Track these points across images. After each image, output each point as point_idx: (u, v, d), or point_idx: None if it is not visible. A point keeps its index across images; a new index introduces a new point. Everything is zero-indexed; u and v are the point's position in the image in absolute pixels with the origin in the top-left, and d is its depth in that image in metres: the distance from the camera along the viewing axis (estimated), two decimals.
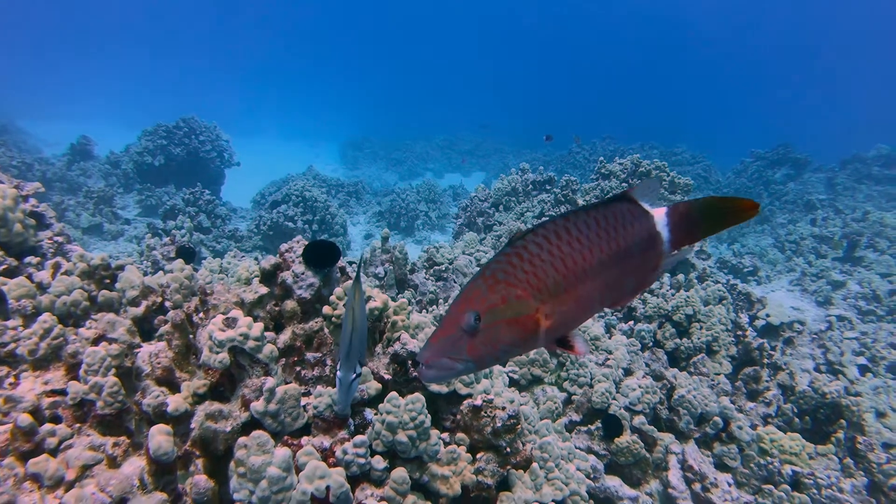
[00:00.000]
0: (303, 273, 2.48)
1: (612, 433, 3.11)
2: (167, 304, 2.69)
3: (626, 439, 3.09)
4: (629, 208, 1.06)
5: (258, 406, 1.75)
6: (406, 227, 10.13)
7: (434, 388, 2.18)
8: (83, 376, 1.94)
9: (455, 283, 4.56)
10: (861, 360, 5.71)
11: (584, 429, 3.23)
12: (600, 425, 3.16)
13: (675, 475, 3.12)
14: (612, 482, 3.03)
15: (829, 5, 43.19)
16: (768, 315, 5.55)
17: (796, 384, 4.07)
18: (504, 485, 2.22)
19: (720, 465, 3.36)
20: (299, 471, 1.59)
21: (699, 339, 4.17)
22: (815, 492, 3.03)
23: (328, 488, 1.52)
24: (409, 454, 1.80)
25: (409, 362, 2.23)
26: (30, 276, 2.62)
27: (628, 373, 3.63)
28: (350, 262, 5.30)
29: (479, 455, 2.15)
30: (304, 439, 1.77)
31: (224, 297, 2.52)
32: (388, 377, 2.07)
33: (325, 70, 41.68)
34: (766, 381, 4.11)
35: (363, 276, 4.51)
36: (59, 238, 3.45)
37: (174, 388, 2.07)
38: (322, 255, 2.54)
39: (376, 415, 1.82)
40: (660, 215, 1.08)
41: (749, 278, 8.32)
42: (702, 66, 46.51)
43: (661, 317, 4.36)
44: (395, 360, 2.12)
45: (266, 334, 2.23)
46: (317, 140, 22.68)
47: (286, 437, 1.77)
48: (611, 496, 2.97)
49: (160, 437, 1.54)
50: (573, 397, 3.38)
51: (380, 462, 1.75)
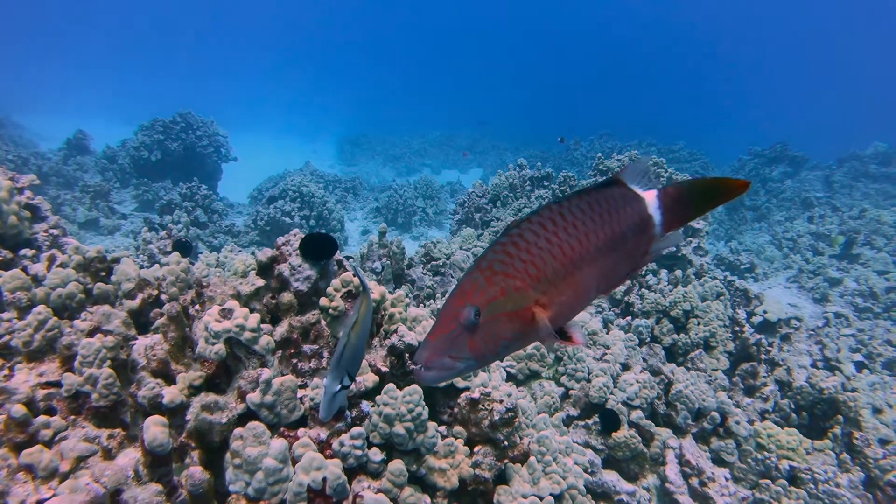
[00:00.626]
0: (300, 265, 2.46)
1: (610, 428, 3.10)
2: (163, 297, 2.67)
3: (623, 434, 3.08)
4: (621, 192, 1.04)
5: (254, 397, 1.73)
6: (403, 223, 10.11)
7: None
8: (78, 368, 1.92)
9: (452, 278, 4.55)
10: (858, 357, 5.72)
11: (582, 423, 3.23)
12: (598, 420, 3.16)
13: (672, 470, 3.12)
14: (610, 477, 3.02)
15: (828, 4, 43.22)
16: (765, 311, 5.55)
17: (793, 380, 4.08)
18: (501, 478, 2.21)
19: (717, 460, 3.36)
20: (296, 463, 1.57)
21: (696, 334, 4.17)
22: (812, 487, 3.03)
23: (325, 480, 1.51)
24: (407, 446, 1.79)
25: (407, 355, 2.22)
26: (25, 269, 2.60)
27: (626, 368, 3.63)
28: (348, 257, 5.29)
29: (476, 448, 2.15)
30: (301, 431, 1.76)
31: (220, 290, 2.51)
32: (385, 369, 2.06)
33: (323, 66, 41.61)
34: (764, 376, 4.11)
35: (361, 269, 4.50)
36: (55, 231, 3.42)
37: (170, 380, 2.06)
38: (319, 248, 2.53)
39: (373, 407, 1.81)
40: (651, 198, 1.05)
41: (746, 275, 8.33)
42: (700, 64, 46.55)
43: (658, 312, 4.35)
44: (393, 353, 2.11)
45: (262, 326, 2.22)
46: (314, 136, 22.63)
47: (283, 429, 1.76)
48: (608, 491, 2.97)
49: (155, 429, 1.53)
50: (570, 392, 3.37)
51: (377, 454, 1.74)
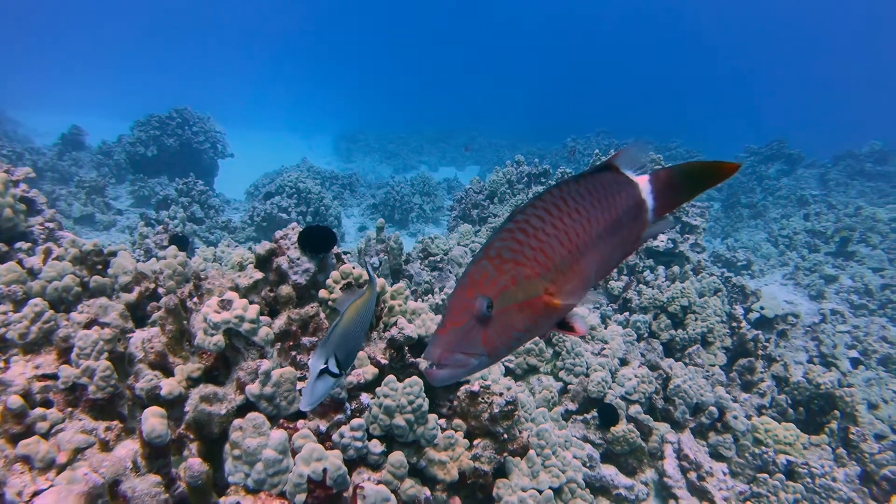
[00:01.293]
0: (298, 258, 2.45)
1: (608, 422, 3.10)
2: (160, 290, 2.66)
3: (621, 428, 3.08)
4: (614, 177, 1.02)
5: (253, 389, 1.72)
6: (400, 220, 10.09)
7: None
8: (75, 360, 1.90)
9: (451, 273, 4.54)
10: (853, 353, 5.74)
11: (580, 418, 3.23)
12: (596, 414, 3.16)
13: (670, 464, 3.13)
14: (608, 471, 3.02)
15: (825, 3, 43.32)
16: (762, 308, 5.56)
17: (790, 375, 4.09)
18: (501, 471, 2.21)
19: (715, 455, 3.37)
20: (295, 454, 1.56)
21: (694, 330, 4.17)
22: (808, 481, 3.04)
23: (325, 471, 1.50)
24: (407, 438, 1.79)
25: (406, 349, 2.21)
26: (20, 262, 2.58)
27: (624, 363, 3.63)
28: (345, 253, 5.27)
29: (476, 441, 2.14)
30: (300, 422, 1.75)
31: (218, 282, 2.49)
32: (384, 362, 2.05)
33: (320, 62, 41.50)
34: (761, 372, 4.12)
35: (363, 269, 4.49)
36: (51, 224, 3.40)
37: (168, 373, 2.04)
38: (318, 241, 2.52)
39: (373, 398, 1.80)
40: (644, 183, 1.04)
41: (743, 272, 8.34)
42: (698, 62, 46.63)
43: (656, 308, 4.36)
44: (392, 345, 2.10)
45: (262, 318, 2.21)
46: (311, 132, 22.55)
47: (282, 421, 1.75)
48: (606, 485, 2.97)
49: (154, 420, 1.52)
50: (569, 386, 3.37)
51: (377, 446, 1.73)
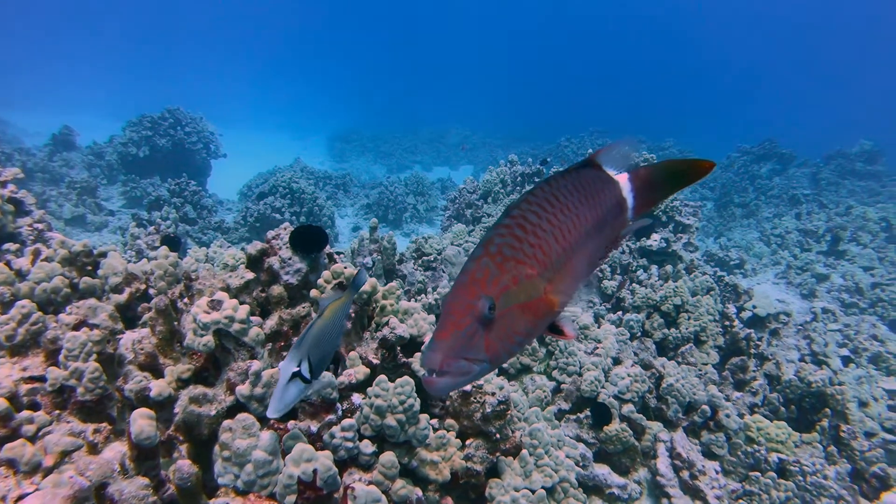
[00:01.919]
0: (290, 258, 2.44)
1: (601, 421, 3.10)
2: (151, 291, 2.64)
3: (614, 427, 3.09)
4: (597, 174, 1.00)
5: (244, 389, 1.71)
6: (394, 220, 10.07)
7: (423, 374, 2.16)
8: (63, 362, 1.89)
9: (444, 273, 4.53)
10: (844, 352, 5.77)
11: (573, 417, 3.23)
12: (589, 413, 3.16)
13: (663, 463, 3.13)
14: (601, 470, 3.03)
15: (816, 4, 43.60)
16: (755, 306, 5.58)
17: (782, 374, 4.10)
18: (494, 471, 2.20)
19: (708, 453, 3.37)
20: (286, 455, 1.55)
21: (687, 329, 4.18)
22: (800, 479, 3.05)
23: (315, 472, 1.49)
24: (398, 438, 1.78)
25: (399, 349, 2.21)
26: (8, 263, 2.56)
27: (617, 362, 3.63)
28: (338, 253, 5.25)
29: (468, 441, 2.14)
30: (291, 423, 1.74)
31: (209, 283, 2.48)
32: (376, 362, 2.04)
33: (313, 63, 41.39)
34: (753, 370, 4.14)
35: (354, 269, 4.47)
36: (40, 225, 3.37)
37: (158, 374, 2.03)
38: (310, 241, 2.51)
39: (365, 399, 1.79)
40: (624, 181, 1.03)
41: (735, 271, 8.38)
42: (691, 62, 46.80)
43: (649, 307, 4.36)
44: (384, 345, 2.09)
45: (252, 318, 2.19)
46: (304, 133, 22.51)
47: (272, 422, 1.74)
48: (599, 484, 2.97)
49: (142, 421, 1.50)
50: (562, 386, 3.37)
51: (368, 446, 1.72)
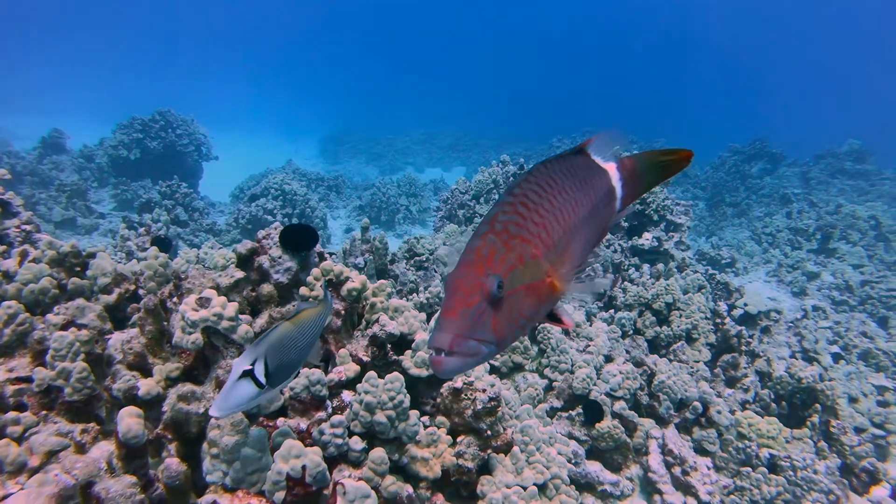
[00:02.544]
0: (280, 257, 2.44)
1: (593, 419, 3.11)
2: (141, 291, 2.62)
3: (606, 424, 3.09)
4: (588, 162, 0.99)
5: None
6: (387, 221, 10.07)
7: (415, 371, 2.15)
8: (50, 362, 1.87)
9: (435, 272, 4.53)
10: (834, 349, 5.82)
11: (566, 415, 3.23)
12: (581, 411, 3.17)
13: (655, 459, 3.14)
14: (593, 467, 3.03)
15: (805, 5, 43.99)
16: (746, 304, 5.61)
17: (773, 370, 4.12)
18: (485, 468, 2.20)
19: (699, 450, 3.38)
20: (274, 452, 1.55)
21: (679, 326, 4.20)
22: (790, 474, 3.07)
23: (304, 468, 1.48)
24: (388, 435, 1.78)
25: (389, 346, 2.20)
26: None
27: (609, 359, 3.64)
28: (331, 254, 5.24)
29: (459, 438, 2.13)
30: (280, 420, 1.73)
31: (199, 282, 2.47)
32: (366, 359, 2.04)
33: (305, 65, 41.33)
34: (744, 367, 4.16)
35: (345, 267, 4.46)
36: (28, 227, 3.35)
37: (147, 374, 2.02)
38: (300, 239, 2.50)
39: (354, 395, 1.79)
40: (612, 170, 1.02)
41: (727, 270, 8.42)
42: (682, 63, 47.06)
43: (641, 305, 4.38)
44: (374, 343, 2.09)
45: (242, 316, 2.19)
46: (297, 135, 22.45)
47: (262, 419, 1.73)
48: (592, 481, 2.97)
49: (130, 420, 1.49)
50: (554, 384, 3.38)
51: (358, 443, 1.72)
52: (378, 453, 1.67)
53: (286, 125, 23.85)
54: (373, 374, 1.80)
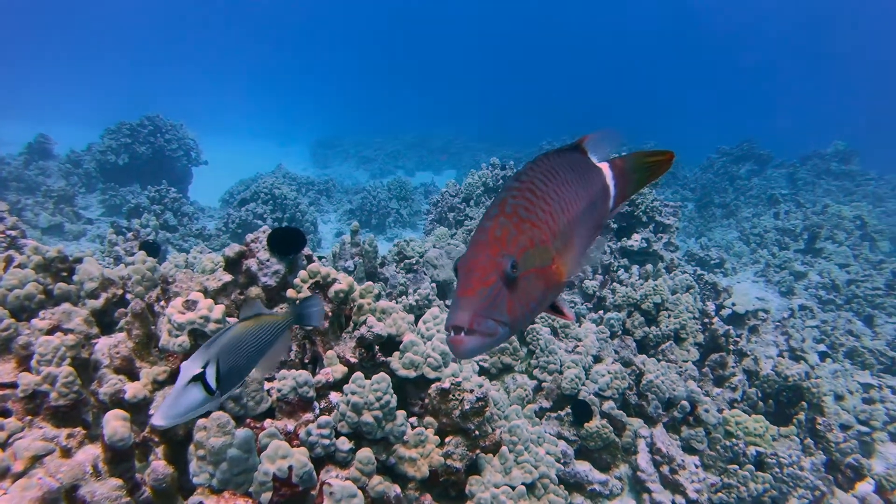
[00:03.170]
0: (268, 260, 2.44)
1: (582, 418, 3.13)
2: (129, 296, 2.62)
3: (595, 424, 3.11)
4: (585, 159, 1.00)
5: None
6: (377, 225, 10.07)
7: (402, 372, 2.16)
8: (35, 367, 1.86)
9: (425, 275, 4.54)
10: (821, 347, 5.88)
11: (555, 415, 3.25)
12: (570, 411, 3.18)
13: (643, 458, 3.16)
14: (582, 467, 3.05)
15: (790, 8, 44.50)
16: (734, 304, 5.66)
17: (760, 369, 4.16)
18: (474, 468, 2.21)
19: (687, 448, 3.41)
20: (261, 453, 1.55)
21: (667, 326, 4.23)
22: (777, 471, 3.10)
23: (291, 468, 1.49)
24: (375, 435, 1.78)
25: (377, 347, 2.21)
26: None
27: (598, 360, 3.66)
28: (320, 258, 5.23)
29: (448, 439, 2.14)
30: (268, 422, 1.74)
31: (186, 286, 2.47)
32: (354, 361, 2.04)
33: (295, 69, 41.26)
34: (732, 366, 4.19)
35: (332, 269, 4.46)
36: (13, 232, 3.33)
37: (134, 378, 2.01)
38: (287, 242, 2.51)
39: (341, 396, 1.80)
40: (606, 169, 1.04)
41: (716, 270, 8.49)
42: (671, 64, 47.42)
43: (630, 306, 4.41)
44: (362, 344, 2.10)
45: (229, 319, 2.19)
46: (287, 139, 22.43)
47: (249, 421, 1.73)
48: (581, 480, 2.99)
49: (115, 423, 1.49)
50: (543, 384, 3.39)
51: (345, 443, 1.72)
52: (365, 453, 1.68)
53: (277, 129, 23.82)
54: (359, 374, 1.80)
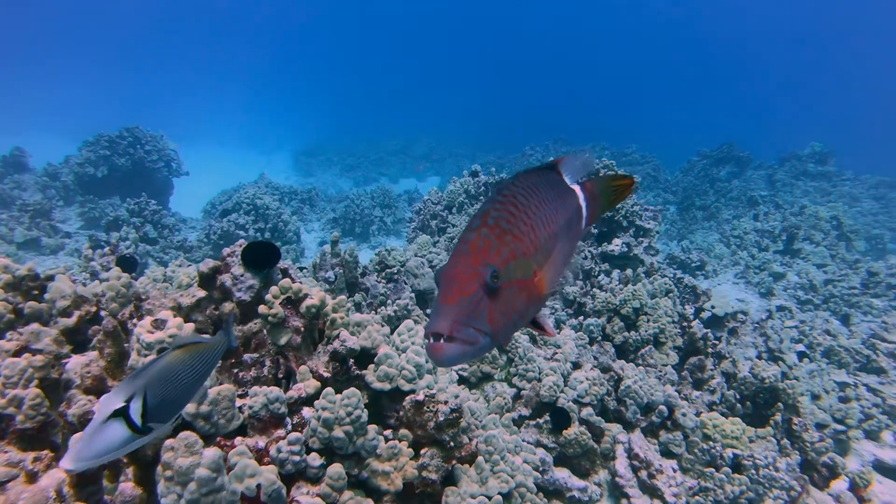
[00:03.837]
0: (242, 275, 2.43)
1: (561, 426, 3.15)
2: (103, 313, 2.59)
3: (573, 431, 3.13)
4: (560, 180, 1.03)
5: (189, 408, 1.70)
6: (361, 233, 10.06)
7: (377, 385, 2.16)
8: (0, 390, 1.84)
9: (406, 284, 4.55)
10: (800, 347, 5.96)
11: (534, 423, 3.26)
12: (549, 418, 3.20)
13: (621, 464, 3.19)
14: (561, 474, 3.06)
15: (767, 12, 45.29)
16: (713, 307, 5.74)
17: (738, 371, 4.22)
18: (450, 479, 2.22)
19: (666, 452, 3.44)
20: (230, 472, 1.55)
21: (646, 331, 4.27)
22: (753, 472, 3.14)
23: (259, 486, 1.49)
24: (347, 450, 1.79)
25: (351, 361, 2.21)
26: None
27: (577, 366, 3.69)
28: (301, 268, 5.22)
29: (423, 451, 2.15)
30: (238, 440, 1.73)
31: (159, 303, 2.46)
32: (327, 375, 2.05)
33: (277, 77, 41.13)
34: (711, 369, 4.24)
35: (312, 280, 4.46)
36: None
37: None
38: (261, 257, 2.50)
39: (312, 412, 1.80)
40: (579, 191, 1.07)
41: (697, 273, 8.59)
42: (653, 70, 47.99)
43: (609, 311, 4.44)
44: (335, 358, 2.10)
45: (202, 336, 2.18)
46: (270, 148, 22.35)
47: (220, 439, 1.73)
48: (560, 488, 3.01)
49: None
50: (522, 392, 3.41)
51: (316, 459, 1.72)
52: (335, 469, 1.68)
53: (259, 138, 23.74)
54: (329, 390, 1.81)
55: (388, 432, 2.13)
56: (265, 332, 2.20)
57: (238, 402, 1.87)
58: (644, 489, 3.14)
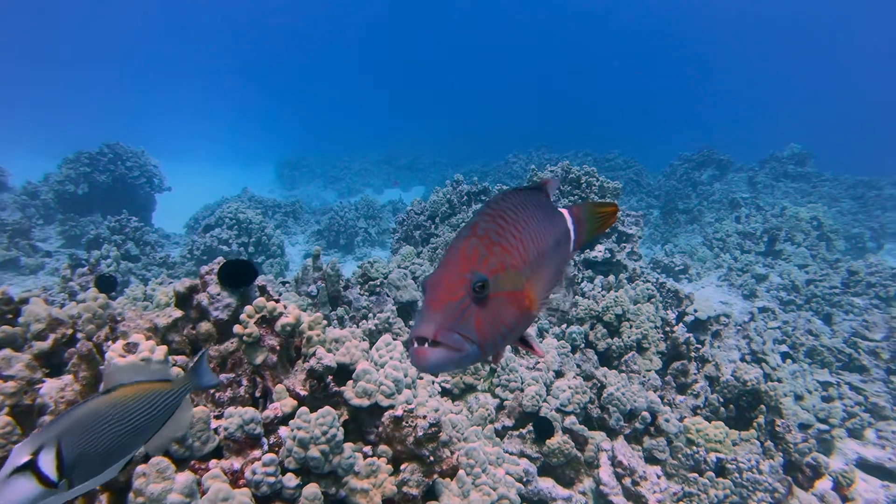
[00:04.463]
0: (218, 294, 2.42)
1: (544, 435, 3.15)
2: (79, 335, 2.56)
3: (557, 440, 3.14)
4: (549, 202, 1.04)
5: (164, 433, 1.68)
6: (346, 245, 10.04)
7: (356, 401, 2.16)
8: None
9: (388, 296, 4.54)
10: (783, 348, 6.03)
11: (517, 433, 3.27)
12: (532, 428, 3.20)
13: (605, 472, 3.19)
14: (546, 484, 3.06)
15: (747, 15, 46.07)
16: (696, 310, 5.78)
17: (721, 375, 4.25)
18: (431, 494, 2.21)
19: (650, 459, 3.46)
20: (204, 496, 1.53)
21: (629, 337, 4.29)
22: (736, 476, 3.16)
23: None
24: (323, 469, 1.78)
25: (330, 378, 2.21)
26: None
27: (559, 375, 3.70)
28: (284, 282, 5.19)
29: (403, 466, 2.14)
30: (213, 462, 1.72)
31: (135, 324, 2.44)
32: (304, 393, 2.04)
33: (258, 89, 41.02)
34: (694, 374, 4.27)
35: (295, 294, 4.44)
36: None
37: None
38: (238, 275, 2.49)
39: (288, 431, 1.79)
40: (567, 215, 1.09)
41: (681, 276, 8.66)
42: (633, 75, 48.54)
43: (592, 318, 4.47)
44: (312, 376, 2.09)
45: (177, 357, 2.16)
46: (252, 161, 22.27)
47: (193, 462, 1.71)
48: (544, 498, 3.01)
49: None
50: (505, 403, 3.41)
51: (291, 480, 1.71)
52: (311, 489, 1.67)
53: (242, 152, 23.65)
54: (304, 409, 1.80)
55: (367, 448, 2.12)
56: (241, 351, 2.19)
57: (214, 424, 1.86)
58: (628, 496, 3.15)
